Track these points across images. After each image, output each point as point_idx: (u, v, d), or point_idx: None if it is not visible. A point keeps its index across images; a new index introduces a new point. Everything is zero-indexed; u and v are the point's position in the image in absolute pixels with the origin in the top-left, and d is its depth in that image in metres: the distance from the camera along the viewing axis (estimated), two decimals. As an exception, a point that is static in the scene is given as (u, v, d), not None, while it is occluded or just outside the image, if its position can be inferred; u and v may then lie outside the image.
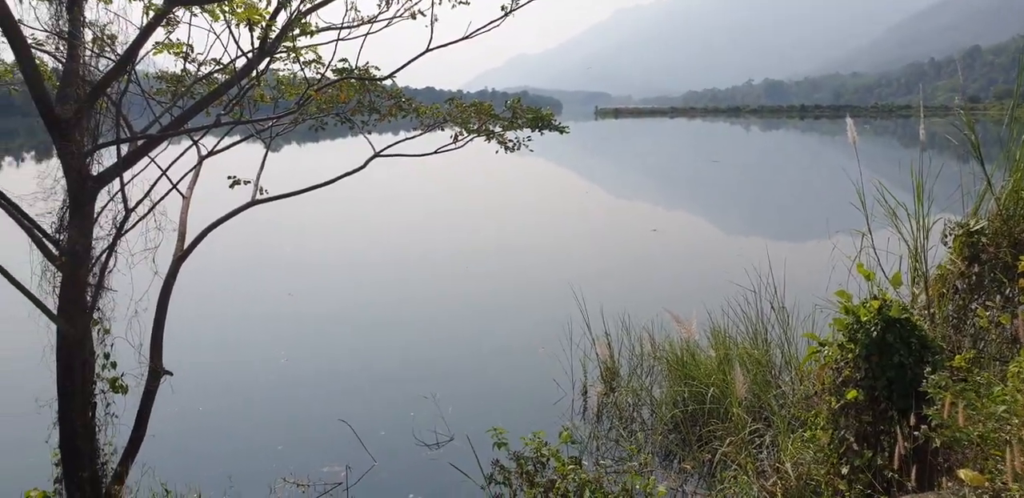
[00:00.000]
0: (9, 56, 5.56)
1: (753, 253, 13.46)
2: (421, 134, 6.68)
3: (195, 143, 6.26)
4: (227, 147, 6.27)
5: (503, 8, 5.79)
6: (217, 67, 6.13)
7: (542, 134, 6.70)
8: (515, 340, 9.97)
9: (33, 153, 48.57)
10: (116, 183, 5.40)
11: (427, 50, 5.76)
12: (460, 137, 6.61)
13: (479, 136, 6.64)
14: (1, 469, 6.25)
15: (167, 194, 5.85)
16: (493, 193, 28.93)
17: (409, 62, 5.95)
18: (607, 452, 6.59)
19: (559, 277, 12.97)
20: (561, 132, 6.67)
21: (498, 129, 6.65)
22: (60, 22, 5.34)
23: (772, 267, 7.85)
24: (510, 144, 6.71)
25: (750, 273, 8.03)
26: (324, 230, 19.77)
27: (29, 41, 4.86)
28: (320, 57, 6.01)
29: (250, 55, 5.21)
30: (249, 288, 13.14)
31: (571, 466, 4.44)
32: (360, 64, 6.06)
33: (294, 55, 6.00)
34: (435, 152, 6.55)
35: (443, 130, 6.77)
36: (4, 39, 4.63)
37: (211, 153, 6.35)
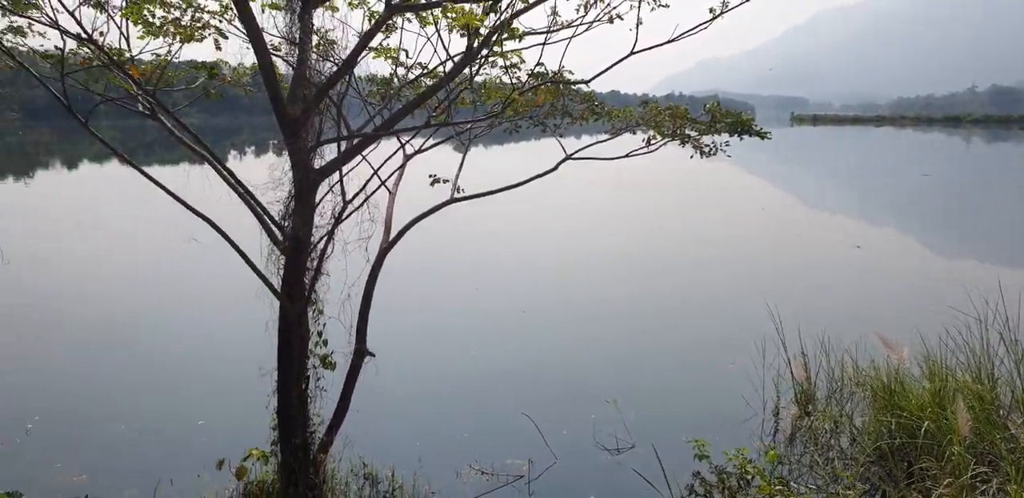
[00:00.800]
0: (246, 61, 6.19)
1: (974, 277, 11.98)
2: (612, 138, 6.64)
3: (404, 144, 6.66)
4: (430, 147, 6.62)
5: (711, 10, 5.60)
6: (424, 71, 6.49)
7: (741, 139, 6.41)
8: (703, 353, 9.60)
9: (253, 148, 54.50)
10: (335, 177, 5.91)
11: (631, 53, 5.70)
12: (653, 141, 6.49)
13: (673, 140, 6.48)
14: (229, 428, 7.02)
15: (377, 189, 6.28)
16: (684, 199, 28.19)
17: (612, 66, 5.91)
18: (800, 478, 6.11)
19: (753, 291, 12.35)
20: (762, 137, 6.34)
21: (694, 133, 6.45)
22: (292, 29, 5.91)
23: (1003, 294, 6.91)
24: (706, 149, 6.48)
25: (973, 299, 7.15)
26: (515, 229, 20.31)
27: (268, 47, 5.42)
28: (524, 60, 6.14)
29: (457, 59, 5.45)
30: (442, 282, 13.79)
31: (778, 486, 4.15)
32: (555, 68, 6.14)
33: (499, 59, 6.17)
34: (626, 155, 6.49)
35: (634, 134, 6.69)
36: (248, 45, 5.21)
37: (416, 152, 6.72)
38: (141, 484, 5.53)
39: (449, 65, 5.66)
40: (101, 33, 5.63)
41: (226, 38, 6.28)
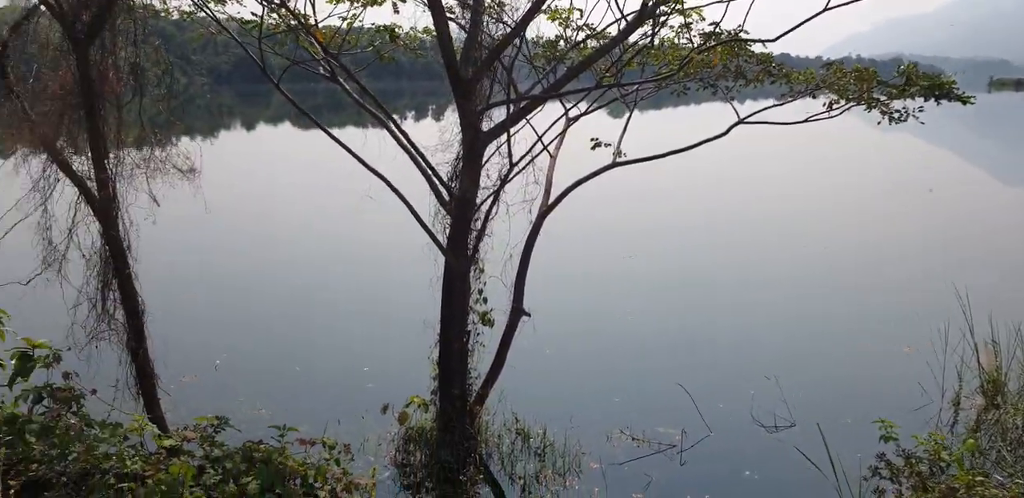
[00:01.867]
0: (419, 25, 6.31)
1: None
2: (785, 102, 6.22)
3: (569, 109, 6.59)
4: (592, 110, 6.51)
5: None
6: (591, 33, 6.36)
7: (938, 104, 5.78)
8: (876, 333, 8.95)
9: (413, 112, 56.23)
10: (500, 139, 5.98)
11: (825, 9, 5.27)
12: (836, 105, 6.01)
13: (858, 104, 5.97)
14: (392, 376, 7.45)
15: (540, 153, 6.30)
16: (865, 171, 26.09)
17: (804, 22, 5.47)
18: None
19: (941, 272, 11.28)
20: (964, 102, 5.69)
21: (883, 97, 5.90)
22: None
23: None
24: (895, 115, 5.92)
25: None
26: (677, 194, 19.75)
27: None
28: (703, 18, 5.84)
29: (630, 18, 5.27)
30: (602, 245, 13.72)
31: (979, 477, 3.81)
32: (730, 28, 5.80)
33: (671, 19, 5.90)
34: (805, 121, 6.05)
35: (814, 97, 6.22)
36: (424, 8, 5.33)
37: (581, 116, 6.64)
38: (312, 421, 6.03)
39: (621, 25, 5.48)
40: None
41: (404, 1, 6.49)
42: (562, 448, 5.86)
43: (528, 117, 6.15)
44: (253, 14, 6.30)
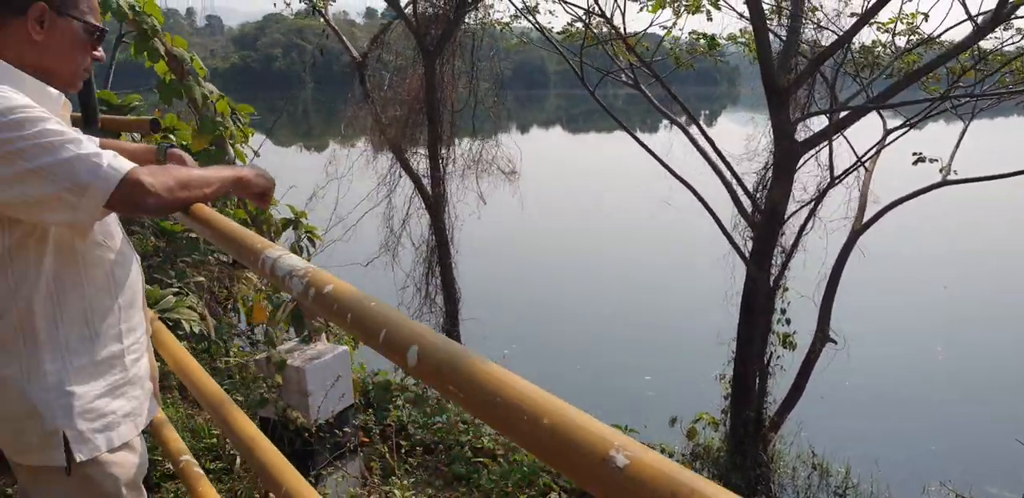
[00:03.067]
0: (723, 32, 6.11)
1: None
2: None
3: (887, 120, 5.98)
4: (915, 122, 5.76)
5: None
6: (922, 38, 5.73)
7: None
8: None
9: (684, 118, 54.87)
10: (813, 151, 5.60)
11: None
12: None
13: None
14: (675, 388, 7.29)
15: (856, 167, 5.79)
16: None
17: None
18: None
19: None
20: None
21: None
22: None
23: None
24: None
25: None
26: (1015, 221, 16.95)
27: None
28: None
29: (980, 20, 4.64)
30: (920, 271, 12.28)
31: None
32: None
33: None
34: None
35: None
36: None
37: (903, 127, 6.00)
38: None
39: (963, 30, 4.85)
40: (601, 9, 6.15)
41: (719, 9, 6.37)
42: (867, 492, 5.29)
43: (844, 129, 5.71)
44: (568, 24, 6.59)
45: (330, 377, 2.87)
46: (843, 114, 5.40)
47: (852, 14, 5.93)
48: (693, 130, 5.98)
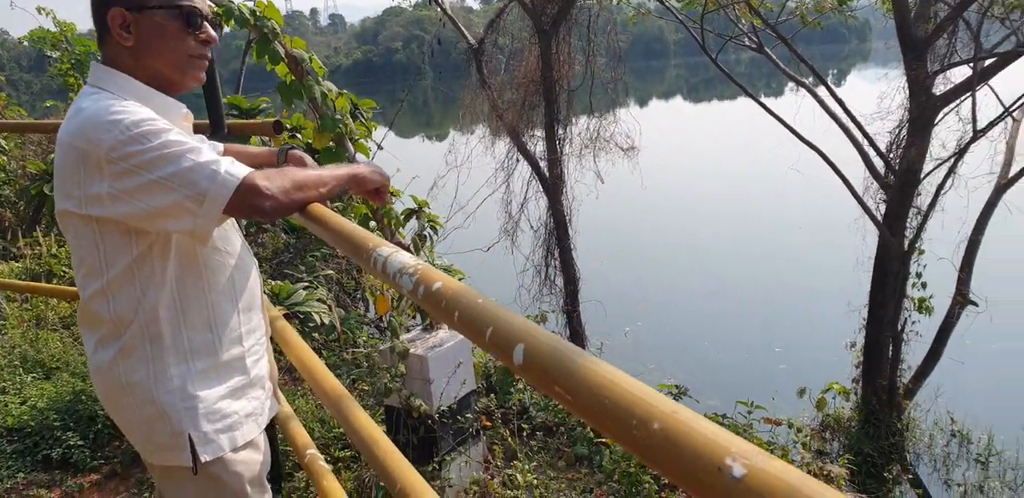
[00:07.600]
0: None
1: None
2: None
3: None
4: None
5: None
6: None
7: None
8: None
9: (810, 79, 51.21)
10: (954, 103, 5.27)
11: None
12: None
13: None
14: (806, 358, 7.11)
15: (1003, 117, 5.40)
16: None
17: None
18: None
19: None
20: None
21: None
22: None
23: None
24: None
25: None
26: None
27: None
28: None
29: None
30: None
31: None
32: None
33: None
34: None
35: None
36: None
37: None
38: (722, 396, 6.05)
39: None
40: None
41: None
42: (1013, 461, 5.02)
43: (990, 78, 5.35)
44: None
45: (451, 364, 2.88)
46: (988, 62, 5.08)
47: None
48: (821, 91, 5.79)
